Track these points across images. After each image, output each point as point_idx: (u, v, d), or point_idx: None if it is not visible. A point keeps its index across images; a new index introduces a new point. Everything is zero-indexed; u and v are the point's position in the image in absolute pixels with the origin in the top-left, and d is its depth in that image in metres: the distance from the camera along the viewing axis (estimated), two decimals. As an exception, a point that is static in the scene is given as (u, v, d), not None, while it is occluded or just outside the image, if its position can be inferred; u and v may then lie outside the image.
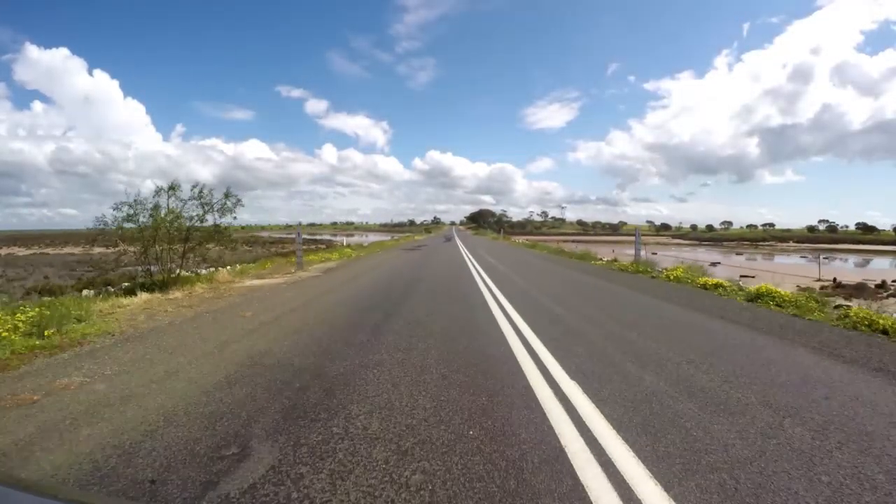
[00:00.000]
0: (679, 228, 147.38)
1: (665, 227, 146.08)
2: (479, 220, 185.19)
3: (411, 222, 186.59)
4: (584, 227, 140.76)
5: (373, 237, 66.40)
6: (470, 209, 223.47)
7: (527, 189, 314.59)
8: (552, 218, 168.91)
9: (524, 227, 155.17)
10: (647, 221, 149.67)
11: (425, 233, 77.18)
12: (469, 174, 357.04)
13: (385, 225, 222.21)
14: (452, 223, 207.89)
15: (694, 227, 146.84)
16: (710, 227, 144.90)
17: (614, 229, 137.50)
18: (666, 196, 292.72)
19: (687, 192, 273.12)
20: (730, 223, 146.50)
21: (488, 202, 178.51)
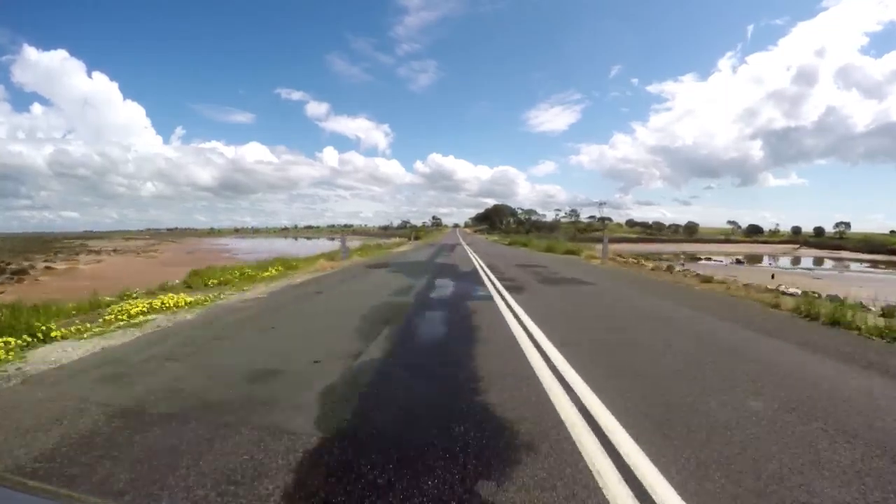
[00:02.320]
0: (776, 233, 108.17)
1: (756, 230, 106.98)
2: (494, 220, 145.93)
3: (406, 224, 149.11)
4: (647, 231, 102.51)
5: (316, 245, 32.08)
6: (473, 212, 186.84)
7: (529, 192, 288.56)
8: (591, 218, 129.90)
9: (553, 229, 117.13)
10: (730, 222, 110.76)
11: (405, 241, 40.09)
12: (471, 177, 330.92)
13: (385, 228, 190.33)
14: (456, 225, 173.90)
15: (797, 230, 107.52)
16: (818, 231, 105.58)
17: (690, 232, 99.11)
18: (669, 199, 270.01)
19: (690, 196, 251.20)
20: (847, 224, 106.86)
21: (491, 205, 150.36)
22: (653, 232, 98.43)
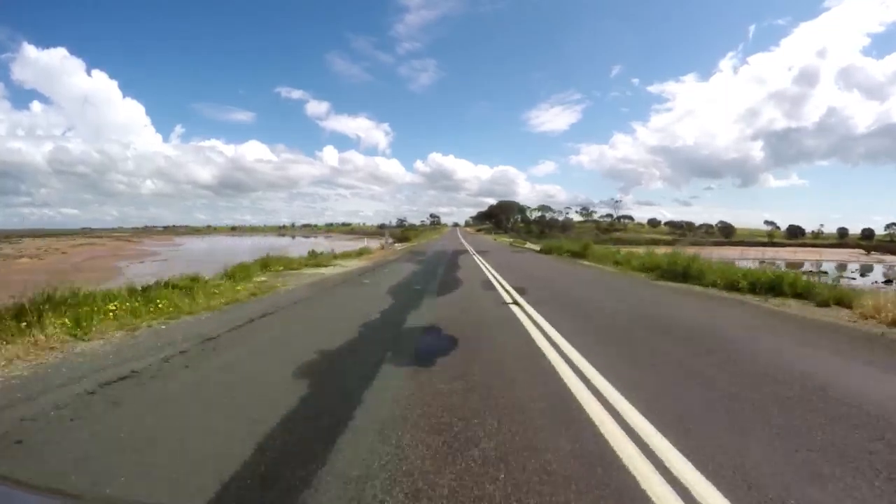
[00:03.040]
0: (818, 235, 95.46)
1: (798, 232, 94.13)
2: (500, 218, 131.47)
3: (404, 223, 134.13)
4: (677, 232, 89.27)
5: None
6: (473, 211, 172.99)
7: (529, 192, 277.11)
8: (608, 216, 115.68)
9: (566, 228, 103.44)
10: (767, 222, 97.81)
11: (385, 246, 26.37)
12: (471, 177, 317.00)
13: (382, 226, 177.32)
14: (455, 224, 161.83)
15: (843, 231, 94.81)
16: (867, 233, 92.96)
17: (726, 233, 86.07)
18: (669, 199, 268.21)
19: (691, 196, 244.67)
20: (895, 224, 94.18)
21: (494, 203, 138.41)
22: (684, 232, 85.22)
